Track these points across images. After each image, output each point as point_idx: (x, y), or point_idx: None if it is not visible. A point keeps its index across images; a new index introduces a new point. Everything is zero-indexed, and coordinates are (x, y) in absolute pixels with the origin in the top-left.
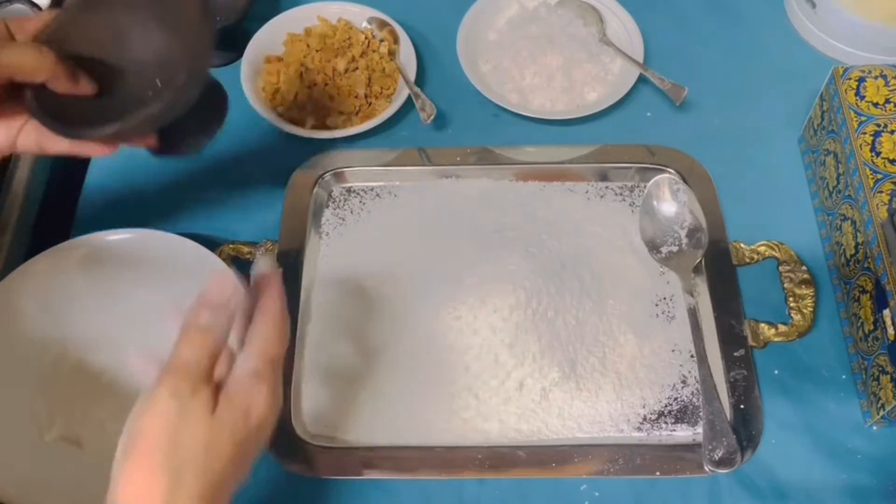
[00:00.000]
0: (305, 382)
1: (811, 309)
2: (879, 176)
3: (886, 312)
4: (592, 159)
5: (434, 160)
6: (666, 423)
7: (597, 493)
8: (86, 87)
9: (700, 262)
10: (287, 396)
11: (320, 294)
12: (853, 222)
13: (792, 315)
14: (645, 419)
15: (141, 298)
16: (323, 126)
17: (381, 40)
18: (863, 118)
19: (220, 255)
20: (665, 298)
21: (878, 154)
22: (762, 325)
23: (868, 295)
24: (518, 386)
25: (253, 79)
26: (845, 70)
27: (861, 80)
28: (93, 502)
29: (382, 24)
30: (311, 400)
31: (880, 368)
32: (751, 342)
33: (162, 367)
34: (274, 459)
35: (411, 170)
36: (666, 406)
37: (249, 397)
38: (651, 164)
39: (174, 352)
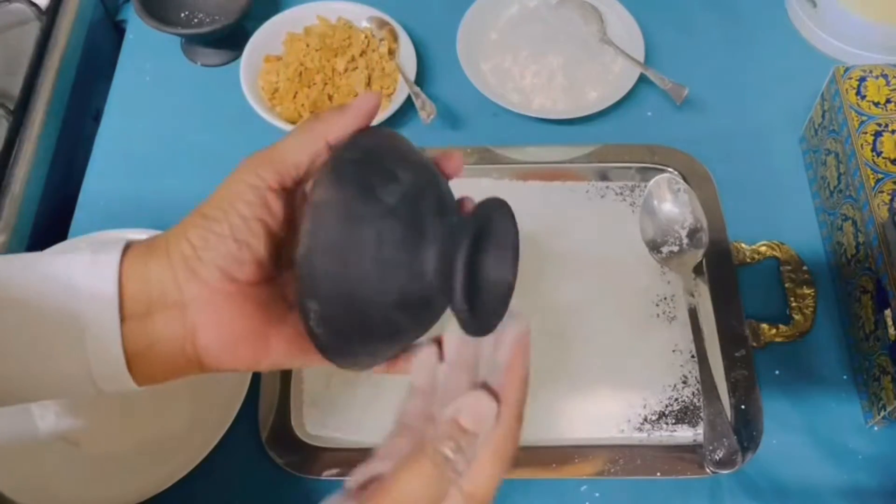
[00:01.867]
0: (306, 382)
1: (812, 309)
2: (880, 176)
3: (887, 312)
4: (593, 159)
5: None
6: (667, 423)
7: (597, 494)
8: None
9: (701, 262)
10: (287, 396)
11: None
12: (854, 222)
13: (793, 315)
14: (645, 420)
15: None
16: None
17: (381, 40)
18: (864, 118)
19: None
20: (666, 298)
21: (879, 154)
22: (763, 325)
23: (869, 295)
24: None
25: (252, 78)
26: (846, 69)
27: (862, 79)
28: (92, 502)
29: (382, 24)
30: (311, 400)
31: (881, 369)
32: (752, 342)
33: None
34: (273, 459)
35: None
36: (667, 406)
37: None
38: (652, 163)
39: (396, 478)
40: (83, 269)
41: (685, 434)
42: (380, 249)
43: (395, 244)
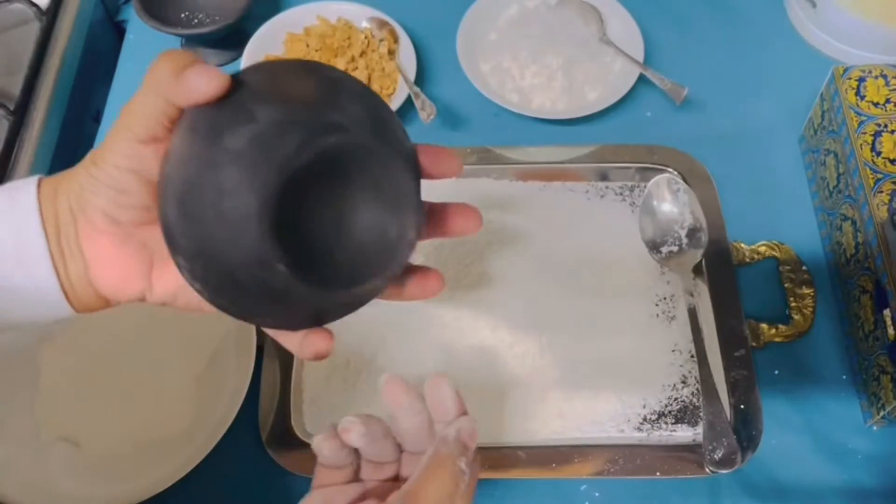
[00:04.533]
0: (305, 382)
1: (811, 309)
2: (880, 176)
3: (887, 312)
4: (592, 159)
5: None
6: (666, 423)
7: (597, 494)
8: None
9: (700, 261)
10: (287, 395)
11: None
12: (853, 222)
13: (792, 315)
14: (645, 419)
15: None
16: None
17: (381, 40)
18: (863, 118)
19: None
20: (665, 298)
21: (878, 154)
22: (762, 325)
23: (868, 295)
24: (518, 386)
25: None
26: (846, 70)
27: (861, 79)
28: (92, 502)
29: (382, 24)
30: (311, 399)
31: (880, 368)
32: (751, 342)
33: (415, 397)
34: (273, 459)
35: None
36: (666, 406)
37: None
38: (651, 163)
39: (419, 482)
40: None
41: (685, 434)
42: (221, 201)
43: (237, 193)
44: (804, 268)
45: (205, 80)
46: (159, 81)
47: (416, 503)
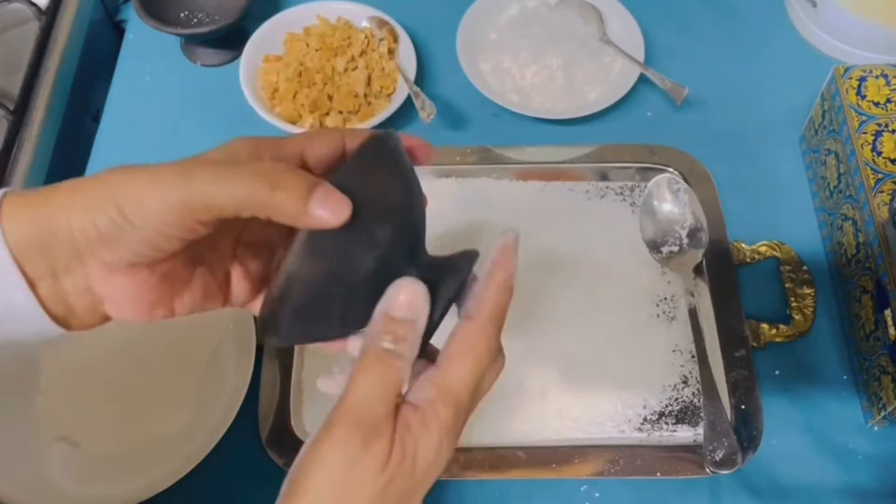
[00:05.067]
0: (305, 382)
1: (812, 309)
2: (880, 175)
3: (887, 312)
4: (593, 159)
5: (434, 160)
6: (666, 423)
7: (597, 494)
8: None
9: (701, 262)
10: (287, 395)
11: None
12: (854, 222)
13: (793, 315)
14: (645, 420)
15: None
16: (322, 126)
17: (381, 39)
18: (864, 118)
19: None
20: (666, 298)
21: (879, 154)
22: (763, 325)
23: (869, 295)
24: (518, 386)
25: (252, 78)
26: (846, 69)
27: (862, 79)
28: (92, 502)
29: (382, 24)
30: (311, 400)
31: (881, 368)
32: (752, 342)
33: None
34: (273, 459)
35: None
36: (667, 406)
37: (417, 441)
38: (651, 163)
39: (349, 386)
40: None
41: (685, 434)
42: (346, 309)
43: (363, 303)
44: (805, 268)
45: (331, 213)
46: (263, 198)
47: (350, 411)
